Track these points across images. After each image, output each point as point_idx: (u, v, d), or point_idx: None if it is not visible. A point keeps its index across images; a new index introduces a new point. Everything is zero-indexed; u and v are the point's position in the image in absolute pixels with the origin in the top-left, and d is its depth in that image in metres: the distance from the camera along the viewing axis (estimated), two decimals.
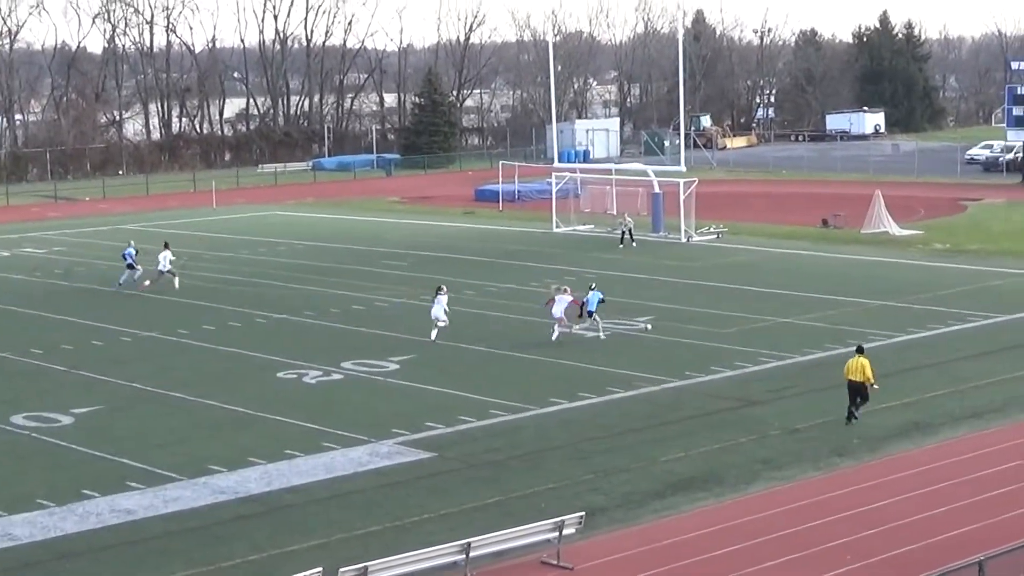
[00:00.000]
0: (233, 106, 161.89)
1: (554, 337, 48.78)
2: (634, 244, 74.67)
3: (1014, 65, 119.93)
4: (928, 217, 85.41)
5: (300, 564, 26.04)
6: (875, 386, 37.57)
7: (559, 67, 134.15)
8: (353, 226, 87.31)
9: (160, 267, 62.19)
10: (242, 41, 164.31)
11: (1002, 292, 58.13)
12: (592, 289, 50.09)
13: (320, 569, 24.64)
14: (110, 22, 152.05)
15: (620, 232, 76.10)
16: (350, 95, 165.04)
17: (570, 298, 49.15)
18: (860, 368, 37.33)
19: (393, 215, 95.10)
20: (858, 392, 37.53)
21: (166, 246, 63.60)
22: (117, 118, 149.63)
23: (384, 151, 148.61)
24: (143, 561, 28.10)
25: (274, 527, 29.88)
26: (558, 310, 48.77)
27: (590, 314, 49.36)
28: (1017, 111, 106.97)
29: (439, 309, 49.73)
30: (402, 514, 30.47)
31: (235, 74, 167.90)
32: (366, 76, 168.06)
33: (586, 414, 39.24)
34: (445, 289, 51.27)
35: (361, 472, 33.88)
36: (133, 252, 62.75)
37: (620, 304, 55.49)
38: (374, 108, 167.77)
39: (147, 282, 61.89)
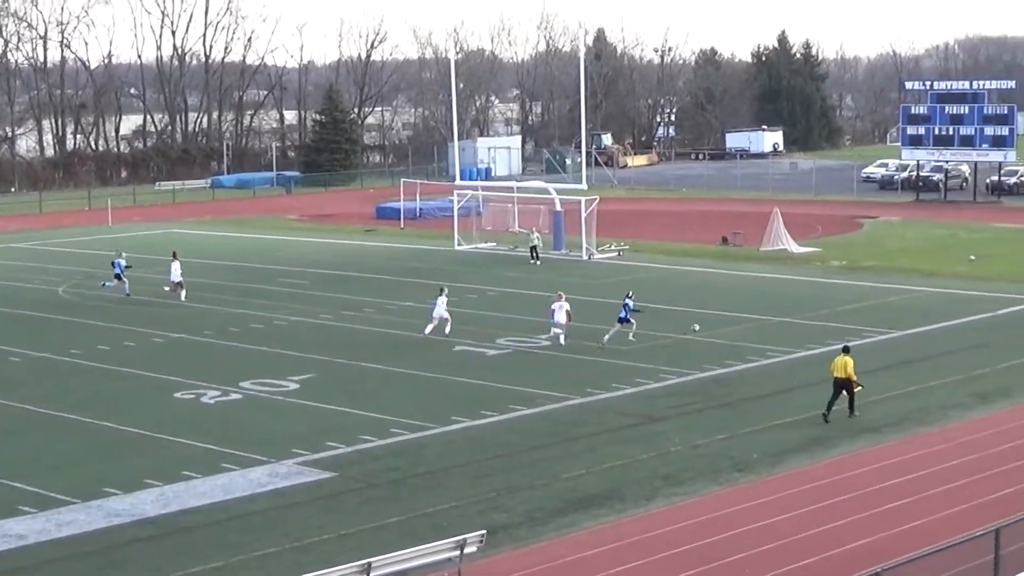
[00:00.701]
0: (130, 123, 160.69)
1: (563, 341, 50.80)
2: (538, 262, 74.82)
3: (908, 85, 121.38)
4: (825, 234, 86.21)
5: None
6: (860, 386, 39.75)
7: (461, 85, 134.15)
8: (252, 244, 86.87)
9: (173, 277, 63.45)
10: (139, 57, 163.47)
11: (897, 308, 58.76)
12: (628, 297, 51.93)
13: None
14: (2, 37, 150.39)
15: (530, 247, 76.30)
16: (249, 112, 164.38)
17: (567, 305, 51.36)
18: (843, 365, 39.35)
19: (293, 233, 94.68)
20: (843, 388, 39.45)
21: (175, 256, 64.97)
22: (9, 134, 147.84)
23: (284, 169, 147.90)
24: None
25: (171, 550, 29.54)
26: (561, 316, 50.98)
27: (622, 320, 51.16)
28: (911, 130, 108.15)
29: (441, 309, 52.57)
30: (302, 535, 30.26)
31: (132, 90, 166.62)
32: (266, 93, 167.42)
33: (488, 432, 39.20)
34: (446, 291, 54.28)
35: (260, 493, 33.61)
36: (123, 263, 64.52)
37: (523, 322, 55.61)
38: (274, 125, 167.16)
39: (166, 288, 63.56)
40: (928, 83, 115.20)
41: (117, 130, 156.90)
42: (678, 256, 76.91)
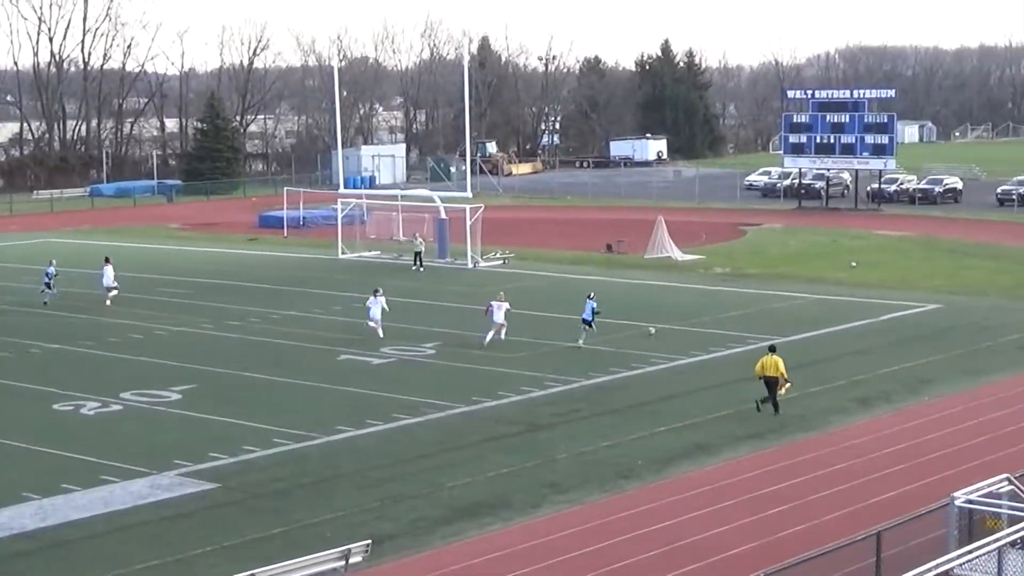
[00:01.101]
0: (6, 130, 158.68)
1: (487, 341, 51.86)
2: (422, 269, 74.83)
3: (790, 94, 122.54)
4: (709, 242, 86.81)
5: None
6: (788, 383, 41.41)
7: (344, 93, 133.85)
8: (133, 254, 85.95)
9: (106, 282, 64.37)
10: (15, 63, 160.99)
11: (780, 315, 59.32)
12: (589, 298, 52.66)
13: None
14: None
15: (415, 253, 76.39)
16: (130, 120, 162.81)
17: (507, 304, 52.81)
18: (773, 364, 41.07)
19: (175, 242, 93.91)
20: (774, 386, 41.09)
21: (107, 261, 65.85)
22: None
23: (165, 177, 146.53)
24: None
25: (50, 564, 29.19)
26: (499, 316, 52.24)
27: (587, 323, 52.19)
28: (793, 138, 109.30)
29: (377, 310, 53.84)
30: (184, 547, 30.00)
31: (8, 97, 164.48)
32: (146, 101, 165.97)
33: (373, 441, 39.09)
34: (381, 291, 55.39)
35: (142, 505, 33.27)
36: (53, 271, 65.06)
37: (405, 331, 55.52)
38: (155, 133, 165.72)
39: (107, 302, 63.63)
40: (809, 92, 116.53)
41: None
42: (563, 264, 77.16)
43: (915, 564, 23.15)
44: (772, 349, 42.25)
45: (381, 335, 53.29)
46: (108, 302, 63.30)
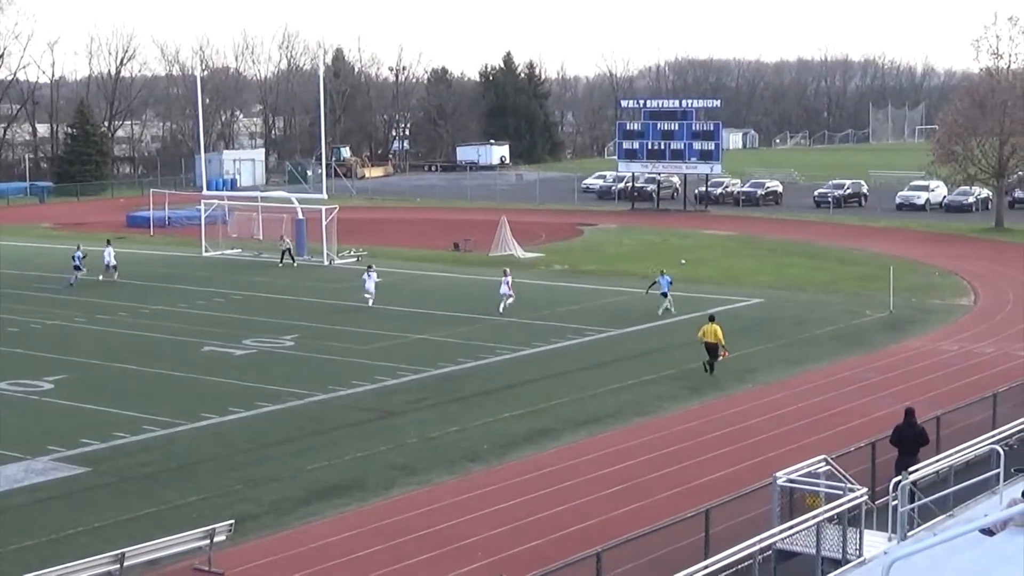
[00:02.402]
0: None
1: (501, 309, 57.35)
2: (294, 264, 74.66)
3: (624, 103, 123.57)
4: (549, 240, 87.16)
5: None
6: (725, 351, 45.41)
7: (207, 100, 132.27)
8: (7, 251, 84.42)
9: (107, 262, 69.42)
10: None
11: (616, 309, 59.75)
12: (662, 274, 58.74)
13: None
14: None
15: (281, 251, 76.05)
16: (3, 125, 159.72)
17: (510, 279, 58.45)
18: (713, 332, 45.15)
19: (47, 240, 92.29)
20: (713, 351, 45.11)
21: (108, 243, 71.47)
22: None
23: (37, 179, 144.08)
24: None
25: None
26: (504, 288, 57.77)
27: (664, 295, 57.42)
28: (627, 145, 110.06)
29: (371, 283, 59.93)
30: (57, 528, 29.60)
31: None
32: (19, 107, 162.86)
33: (236, 427, 38.83)
34: (374, 268, 62.17)
35: (16, 488, 32.76)
36: (81, 255, 69.02)
37: (265, 323, 55.20)
38: (27, 138, 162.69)
39: (100, 276, 68.90)
40: (641, 101, 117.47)
41: None
42: (413, 261, 77.06)
43: (741, 539, 23.57)
44: (711, 318, 46.53)
45: (370, 305, 58.94)
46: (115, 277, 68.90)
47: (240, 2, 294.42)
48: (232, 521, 27.78)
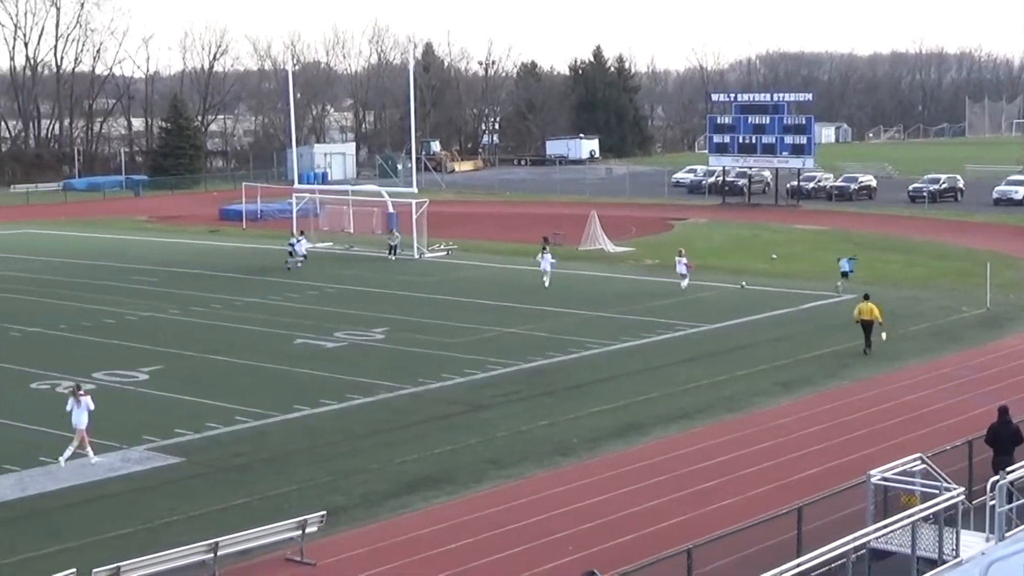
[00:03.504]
0: None
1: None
2: (394, 257, 74.86)
3: (715, 97, 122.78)
4: (639, 235, 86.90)
5: (55, 566, 25.28)
6: (885, 330, 47.81)
7: (298, 95, 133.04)
8: (105, 244, 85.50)
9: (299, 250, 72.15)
10: None
11: (706, 303, 59.44)
12: (850, 259, 62.81)
13: (74, 570, 24.01)
14: None
15: (390, 246, 76.52)
16: (99, 119, 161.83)
17: (686, 259, 62.73)
18: (869, 310, 47.27)
19: (142, 233, 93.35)
20: (870, 328, 47.12)
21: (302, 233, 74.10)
22: None
23: (133, 172, 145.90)
24: None
25: (29, 532, 29.06)
26: (682, 268, 62.19)
27: (845, 275, 61.46)
28: (718, 139, 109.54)
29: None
30: (153, 517, 29.91)
31: None
32: (115, 102, 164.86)
33: (327, 419, 39.03)
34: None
35: (113, 477, 33.16)
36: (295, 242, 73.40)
37: (356, 316, 55.45)
38: (123, 132, 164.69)
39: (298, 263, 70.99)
40: (733, 95, 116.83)
41: None
42: (503, 255, 77.06)
43: (834, 537, 23.31)
44: (867, 297, 48.40)
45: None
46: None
47: None
48: (324, 512, 27.93)
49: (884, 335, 47.34)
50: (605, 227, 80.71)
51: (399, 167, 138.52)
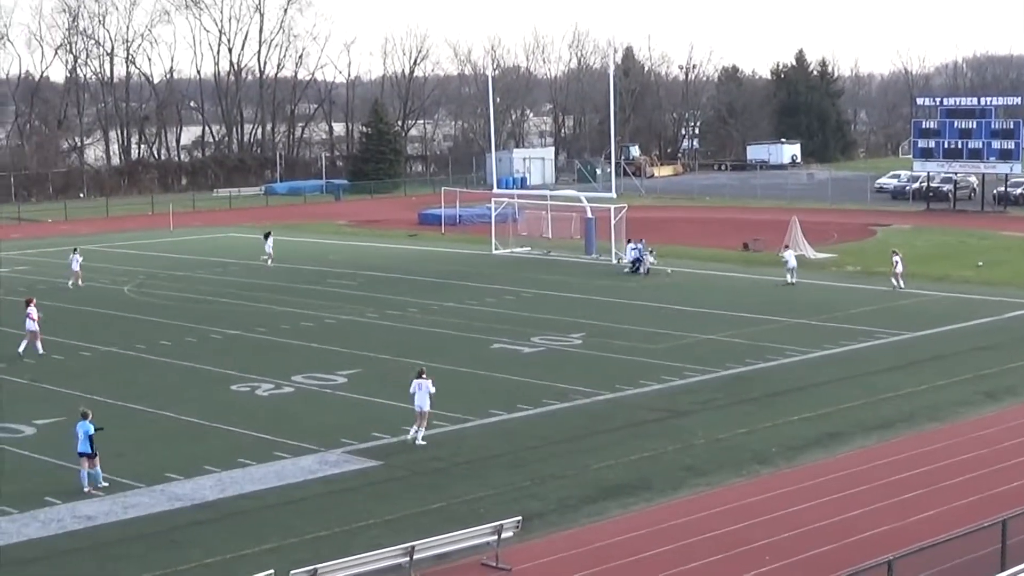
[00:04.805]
0: (190, 134, 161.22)
1: (903, 284, 63.33)
2: (646, 272, 71.68)
3: (920, 101, 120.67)
4: (841, 241, 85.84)
5: (253, 567, 25.84)
6: None
7: (498, 99, 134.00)
8: (304, 247, 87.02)
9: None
10: (198, 72, 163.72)
11: (909, 311, 58.47)
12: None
13: (272, 571, 24.45)
14: (72, 53, 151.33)
15: (634, 261, 72.75)
16: (300, 124, 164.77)
17: (900, 255, 64.63)
18: None
19: (341, 237, 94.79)
20: None
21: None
22: (78, 144, 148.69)
23: (333, 177, 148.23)
24: (103, 566, 27.82)
25: (228, 532, 29.67)
26: (899, 267, 63.64)
27: None
28: (923, 143, 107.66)
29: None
30: (350, 519, 30.32)
31: (191, 103, 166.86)
32: (316, 106, 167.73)
33: (524, 425, 39.19)
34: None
35: (311, 480, 33.70)
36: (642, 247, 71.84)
37: (554, 322, 55.60)
38: (323, 136, 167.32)
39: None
40: (938, 99, 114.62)
41: (178, 140, 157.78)
42: (702, 261, 76.68)
43: None
44: None
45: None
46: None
47: (531, 2, 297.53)
48: (519, 517, 28.02)
49: None
50: (806, 233, 79.76)
51: (598, 172, 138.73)
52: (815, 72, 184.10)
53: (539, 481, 33.28)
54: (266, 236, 79.58)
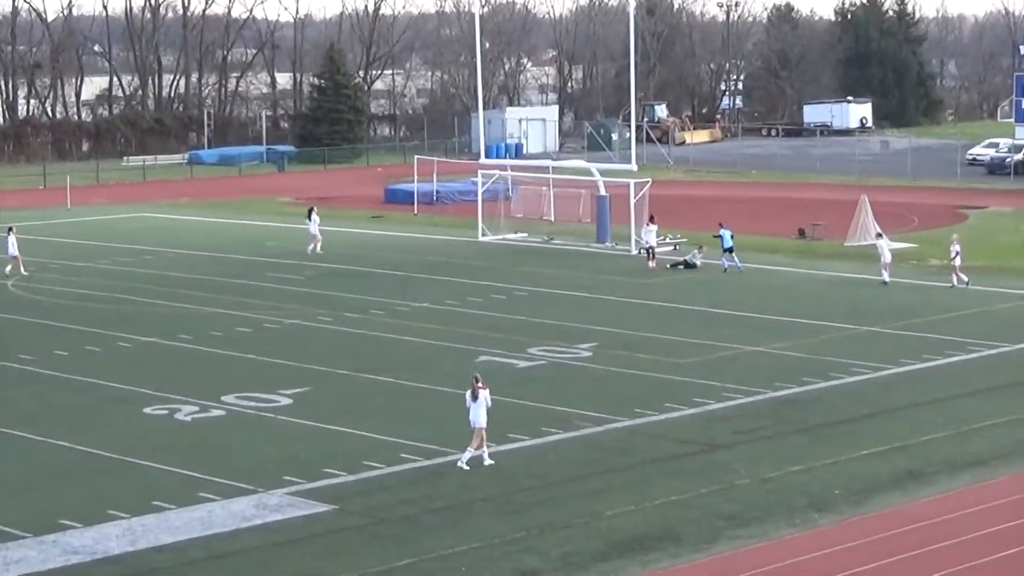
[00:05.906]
0: (93, 86, 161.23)
1: (966, 278, 64.44)
2: (697, 264, 71.88)
3: (1023, 50, 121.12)
4: (923, 228, 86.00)
5: None
6: None
7: (487, 44, 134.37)
8: (238, 232, 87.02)
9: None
10: (105, 8, 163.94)
11: (1009, 317, 58.55)
12: None
13: None
14: None
15: (683, 258, 73.07)
16: (235, 75, 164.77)
17: (959, 247, 65.05)
18: None
19: (286, 219, 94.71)
20: None
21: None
22: None
23: (276, 142, 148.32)
24: None
25: None
26: (957, 259, 64.74)
27: None
28: None
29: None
30: None
31: (96, 47, 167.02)
32: (255, 52, 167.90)
33: (518, 459, 39.19)
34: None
35: (245, 528, 33.64)
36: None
37: (555, 328, 55.61)
38: (264, 91, 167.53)
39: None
40: None
41: (78, 94, 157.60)
42: (747, 251, 76.43)
43: None
44: None
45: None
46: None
47: None
48: None
49: None
50: (879, 217, 79.82)
51: (614, 137, 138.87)
52: (891, 13, 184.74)
53: (537, 532, 33.27)
54: (309, 213, 79.73)
